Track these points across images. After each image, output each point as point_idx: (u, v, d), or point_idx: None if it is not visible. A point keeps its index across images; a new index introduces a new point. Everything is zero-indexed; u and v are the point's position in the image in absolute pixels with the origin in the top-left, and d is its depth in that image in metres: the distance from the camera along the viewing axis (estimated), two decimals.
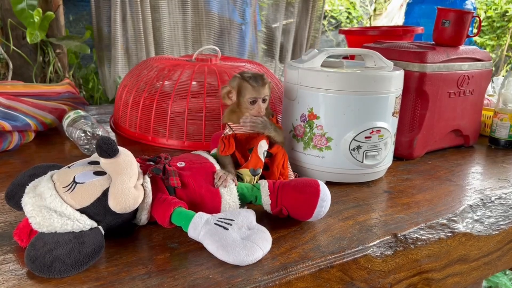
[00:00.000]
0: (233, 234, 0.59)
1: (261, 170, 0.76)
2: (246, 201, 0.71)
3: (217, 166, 0.73)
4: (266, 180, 0.71)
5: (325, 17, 4.68)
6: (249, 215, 0.64)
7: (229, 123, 0.78)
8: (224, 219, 0.62)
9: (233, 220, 0.62)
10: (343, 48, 0.99)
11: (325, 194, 0.67)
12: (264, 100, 0.76)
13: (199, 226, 0.60)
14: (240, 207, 0.70)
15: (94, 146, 0.95)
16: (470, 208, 0.81)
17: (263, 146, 0.76)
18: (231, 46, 2.33)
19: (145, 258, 0.59)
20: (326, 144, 0.85)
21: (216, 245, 0.58)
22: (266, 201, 0.69)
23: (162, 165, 0.68)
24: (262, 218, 0.70)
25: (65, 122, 1.05)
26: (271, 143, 0.79)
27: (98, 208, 0.59)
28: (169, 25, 2.08)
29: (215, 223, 0.60)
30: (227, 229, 0.60)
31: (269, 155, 0.78)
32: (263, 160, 0.76)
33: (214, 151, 0.81)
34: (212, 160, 0.75)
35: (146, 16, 1.99)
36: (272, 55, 2.59)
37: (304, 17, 2.61)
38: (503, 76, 1.93)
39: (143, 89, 1.08)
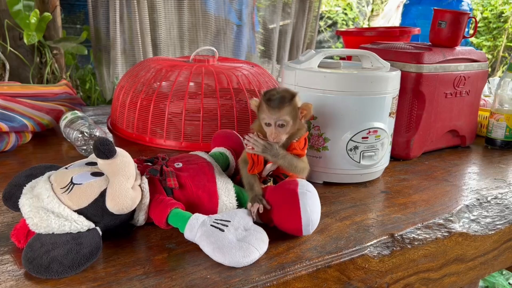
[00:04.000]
0: (229, 236, 0.59)
1: (269, 180, 0.74)
2: (242, 204, 0.71)
3: (216, 167, 0.73)
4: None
5: (321, 18, 4.69)
6: (246, 216, 0.64)
7: (259, 133, 0.71)
8: (221, 220, 0.62)
9: (229, 221, 0.62)
10: (340, 49, 0.99)
11: (308, 221, 0.63)
12: (281, 125, 0.68)
13: (195, 228, 0.60)
14: (237, 208, 0.70)
15: (91, 147, 0.95)
16: (466, 208, 0.81)
17: (267, 169, 0.71)
18: (228, 47, 2.34)
19: (143, 259, 0.59)
20: (323, 145, 0.85)
21: (212, 247, 0.58)
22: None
23: (159, 166, 0.68)
24: None
25: (62, 123, 1.05)
26: None
27: (95, 209, 0.59)
28: (166, 26, 2.07)
29: (211, 225, 0.60)
30: (223, 230, 0.60)
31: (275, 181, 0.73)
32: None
33: (213, 150, 0.81)
34: (210, 159, 0.75)
35: (143, 17, 1.99)
36: (269, 56, 2.59)
37: (300, 18, 2.62)
38: (499, 76, 1.94)
39: (140, 90, 1.08)
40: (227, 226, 0.60)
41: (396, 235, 0.70)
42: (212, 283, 0.54)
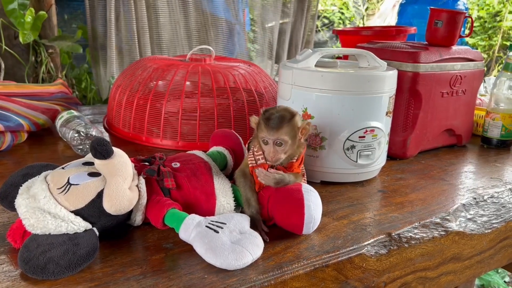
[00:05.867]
0: (223, 238, 0.59)
1: None
2: (240, 204, 0.71)
3: (213, 167, 0.73)
4: (261, 192, 0.70)
5: (318, 17, 4.69)
6: (243, 220, 0.64)
7: (261, 151, 0.70)
8: (216, 222, 0.61)
9: (225, 224, 0.61)
10: (337, 48, 1.00)
11: (310, 219, 0.64)
12: (279, 143, 0.68)
13: (190, 228, 0.60)
14: (235, 209, 0.69)
15: (87, 146, 0.95)
16: (463, 207, 0.82)
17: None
18: (224, 46, 2.33)
19: (140, 259, 0.59)
20: (320, 144, 0.85)
21: (204, 248, 0.57)
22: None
23: (156, 166, 0.68)
24: None
25: (58, 123, 1.05)
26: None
27: (92, 210, 0.59)
28: (165, 25, 2.07)
29: (206, 226, 0.60)
30: (217, 232, 0.59)
31: None
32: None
33: (211, 149, 0.81)
34: (207, 159, 0.75)
35: (141, 15, 1.98)
36: (267, 55, 2.58)
37: (299, 17, 2.61)
38: (495, 76, 1.95)
39: (136, 89, 1.08)
40: (222, 228, 0.60)
41: (393, 234, 0.70)
42: (210, 283, 0.54)
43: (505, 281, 2.13)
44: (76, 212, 0.58)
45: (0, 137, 0.96)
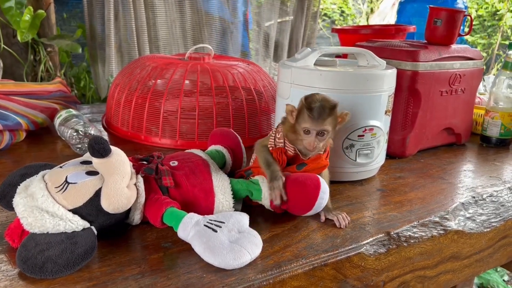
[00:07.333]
0: (222, 237, 0.58)
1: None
2: (240, 197, 0.71)
3: (212, 165, 0.73)
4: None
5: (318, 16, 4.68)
6: (242, 219, 0.64)
7: (285, 138, 0.72)
8: (215, 221, 0.61)
9: (224, 223, 0.61)
10: (336, 47, 0.99)
11: (325, 187, 0.68)
12: (321, 134, 0.69)
13: (189, 227, 0.60)
14: (234, 205, 0.69)
15: (86, 145, 0.95)
16: (462, 206, 0.82)
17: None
18: (225, 45, 2.33)
19: (138, 258, 0.59)
20: None
21: (203, 247, 0.57)
22: (267, 196, 0.69)
23: (154, 165, 0.68)
24: (257, 216, 0.70)
25: (57, 121, 1.04)
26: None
27: (90, 209, 0.59)
28: (162, 24, 2.06)
29: (204, 225, 0.60)
30: (216, 231, 0.59)
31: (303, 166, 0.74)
32: None
33: (210, 148, 0.81)
34: (206, 157, 0.75)
35: (139, 14, 1.98)
36: (267, 54, 2.58)
37: (299, 16, 2.61)
38: (494, 74, 1.95)
39: (135, 88, 1.08)
40: (220, 227, 0.60)
41: (392, 233, 0.70)
42: (208, 282, 0.54)
43: (504, 280, 2.13)
44: (74, 211, 0.58)
45: None
